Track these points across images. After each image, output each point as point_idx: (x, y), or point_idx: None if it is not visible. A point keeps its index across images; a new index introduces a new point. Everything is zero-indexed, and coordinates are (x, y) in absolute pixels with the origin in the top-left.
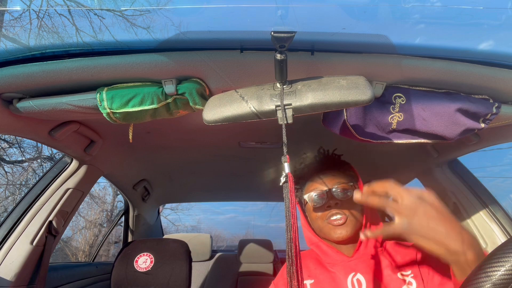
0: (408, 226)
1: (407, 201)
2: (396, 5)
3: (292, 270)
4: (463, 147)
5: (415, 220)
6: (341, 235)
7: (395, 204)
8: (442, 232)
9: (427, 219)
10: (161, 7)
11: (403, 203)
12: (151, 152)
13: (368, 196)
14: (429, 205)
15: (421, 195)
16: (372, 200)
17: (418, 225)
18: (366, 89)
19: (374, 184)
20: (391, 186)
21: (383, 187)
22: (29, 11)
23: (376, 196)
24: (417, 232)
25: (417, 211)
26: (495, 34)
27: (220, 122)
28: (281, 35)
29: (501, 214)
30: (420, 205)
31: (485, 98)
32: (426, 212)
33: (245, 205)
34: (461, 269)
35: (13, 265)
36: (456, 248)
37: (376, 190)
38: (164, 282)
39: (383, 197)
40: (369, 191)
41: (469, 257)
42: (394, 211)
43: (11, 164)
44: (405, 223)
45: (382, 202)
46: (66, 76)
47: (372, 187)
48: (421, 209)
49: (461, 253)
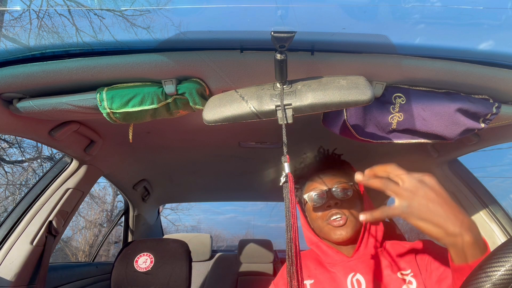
0: (408, 208)
1: (408, 183)
2: (396, 5)
3: (292, 270)
4: (463, 147)
5: (414, 202)
6: (341, 236)
7: (396, 186)
8: (441, 214)
9: (426, 202)
10: (161, 7)
11: (404, 185)
12: (151, 152)
13: (369, 178)
14: (429, 188)
15: (422, 178)
16: (373, 182)
17: (417, 207)
18: (366, 89)
19: (375, 167)
20: (392, 168)
21: (384, 170)
22: (29, 11)
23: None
24: (417, 214)
25: (417, 193)
26: (495, 34)
27: (220, 122)
28: (281, 35)
29: (501, 214)
30: (420, 187)
31: (485, 98)
32: (426, 195)
33: (245, 205)
34: (459, 252)
35: (13, 265)
36: (454, 230)
37: (378, 173)
38: (164, 282)
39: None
40: (370, 174)
41: (467, 239)
42: (395, 193)
43: (11, 164)
44: (404, 205)
45: (383, 184)
46: (66, 76)
47: (374, 170)
48: (421, 191)
49: (458, 235)
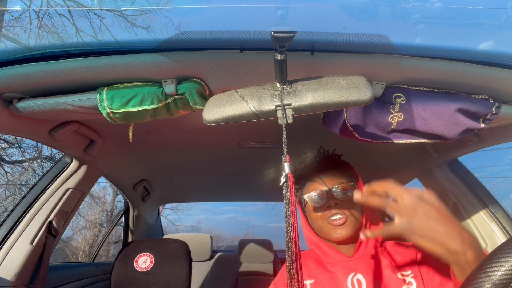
0: (408, 226)
1: (407, 201)
2: (396, 5)
3: (292, 270)
4: (463, 147)
5: (415, 220)
6: (341, 235)
7: (395, 204)
8: (442, 232)
9: (427, 219)
10: (161, 7)
11: (403, 203)
12: (151, 152)
13: (368, 196)
14: (429, 205)
15: (421, 195)
16: (372, 200)
17: (418, 225)
18: (366, 89)
19: (374, 184)
20: (391, 186)
21: (383, 187)
22: (29, 11)
23: (376, 196)
24: (417, 232)
25: (417, 211)
26: (495, 34)
27: (220, 122)
28: (281, 35)
29: (501, 214)
30: (420, 205)
31: (485, 98)
32: (426, 212)
33: (245, 205)
34: (461, 269)
35: (13, 265)
36: (456, 248)
37: (376, 190)
38: (164, 282)
39: (383, 197)
40: (369, 191)
41: (469, 257)
42: (394, 211)
43: (11, 164)
44: (405, 223)
45: (382, 202)
46: (66, 76)
47: (372, 187)
48: (421, 209)
49: (461, 253)
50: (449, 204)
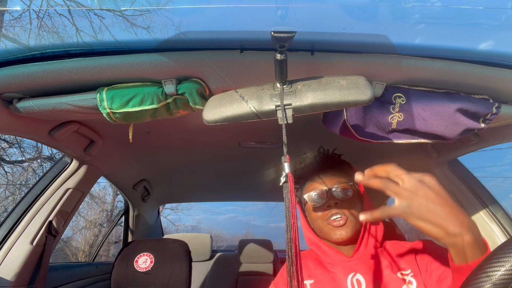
0: (408, 208)
1: (408, 183)
2: (396, 5)
3: (292, 270)
4: (463, 147)
5: (414, 202)
6: (341, 236)
7: (396, 186)
8: (441, 214)
9: (426, 202)
10: (161, 7)
11: (404, 185)
12: (151, 152)
13: (369, 178)
14: (429, 188)
15: (422, 178)
16: (373, 182)
17: (417, 207)
18: (366, 89)
19: (375, 167)
20: (392, 168)
21: (384, 170)
22: (29, 11)
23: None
24: (417, 214)
25: (417, 193)
26: (495, 34)
27: (220, 122)
28: (281, 35)
29: (501, 214)
30: (420, 187)
31: (485, 98)
32: (426, 195)
33: (245, 205)
34: (459, 252)
35: (13, 265)
36: (454, 230)
37: (378, 173)
38: (164, 282)
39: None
40: (370, 174)
41: (467, 239)
42: (395, 193)
43: (11, 164)
44: (404, 205)
45: (383, 184)
46: (66, 76)
47: (374, 170)
48: (421, 191)
49: (458, 235)
50: None
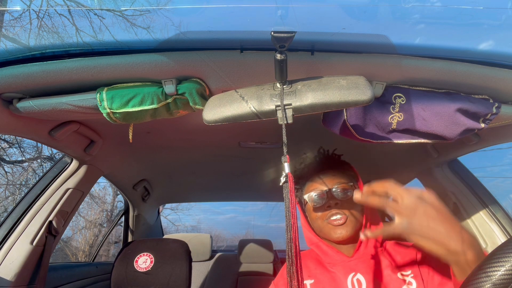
0: (408, 226)
1: (407, 201)
2: (396, 5)
3: (292, 270)
4: (463, 147)
5: (415, 220)
6: (341, 235)
7: (395, 204)
8: (442, 232)
9: (427, 219)
10: (161, 7)
11: (403, 203)
12: (151, 152)
13: (368, 196)
14: (429, 205)
15: (421, 195)
16: (372, 200)
17: (418, 225)
18: (366, 89)
19: (374, 184)
20: (391, 186)
21: (383, 187)
22: (29, 11)
23: (376, 196)
24: (417, 232)
25: (417, 211)
26: (495, 34)
27: (220, 122)
28: (281, 35)
29: (501, 214)
30: (420, 205)
31: (485, 98)
32: (426, 212)
33: (245, 205)
34: (461, 269)
35: (13, 265)
36: (456, 248)
37: (376, 190)
38: (164, 282)
39: (383, 197)
40: (369, 191)
41: (469, 257)
42: (394, 211)
43: (11, 164)
44: (405, 223)
45: (382, 202)
46: (66, 76)
47: (372, 187)
48: (421, 209)
49: (461, 253)
50: (449, 204)
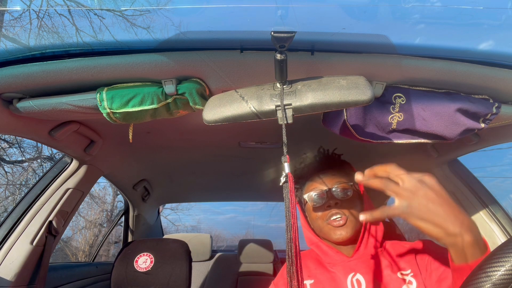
0: (408, 208)
1: (408, 183)
2: (396, 5)
3: (292, 270)
4: (463, 147)
5: (414, 202)
6: (341, 236)
7: (396, 186)
8: (441, 214)
9: (426, 202)
10: (161, 7)
11: (404, 185)
12: (151, 152)
13: (369, 178)
14: (429, 188)
15: (422, 178)
16: (373, 182)
17: (417, 207)
18: (366, 89)
19: (375, 167)
20: (392, 168)
21: (384, 170)
22: (29, 11)
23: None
24: (417, 214)
25: (417, 193)
26: (495, 34)
27: (220, 122)
28: (281, 35)
29: (501, 214)
30: (420, 187)
31: (485, 98)
32: (426, 195)
33: (245, 205)
34: (459, 252)
35: (13, 265)
36: (454, 230)
37: (378, 173)
38: (164, 282)
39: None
40: (370, 174)
41: (467, 239)
42: (395, 193)
43: (11, 164)
44: (405, 205)
45: (383, 184)
46: (66, 76)
47: (374, 170)
48: (421, 191)
49: (459, 235)
50: None
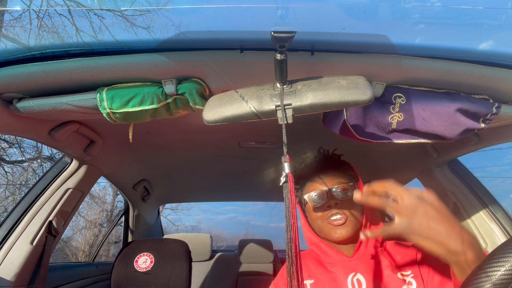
0: (408, 226)
1: (407, 201)
2: (396, 5)
3: (292, 270)
4: (463, 147)
5: (415, 220)
6: (341, 235)
7: (395, 204)
8: (442, 232)
9: (427, 219)
10: (161, 7)
11: (403, 203)
12: (151, 152)
13: (368, 196)
14: (429, 205)
15: (421, 195)
16: (372, 200)
17: (418, 225)
18: (366, 89)
19: (374, 184)
20: (391, 186)
21: (383, 187)
22: (29, 11)
23: (376, 196)
24: (417, 232)
25: (417, 211)
26: (495, 34)
27: (220, 122)
28: (281, 35)
29: (501, 214)
30: (420, 205)
31: (485, 98)
32: (426, 212)
33: (245, 205)
34: (461, 269)
35: (13, 265)
36: (456, 248)
37: (376, 190)
38: (164, 282)
39: (383, 197)
40: (369, 191)
41: (469, 257)
42: (394, 211)
43: (11, 164)
44: (405, 223)
45: (382, 202)
46: (66, 76)
47: (372, 187)
48: (421, 209)
49: (461, 253)
50: (449, 204)
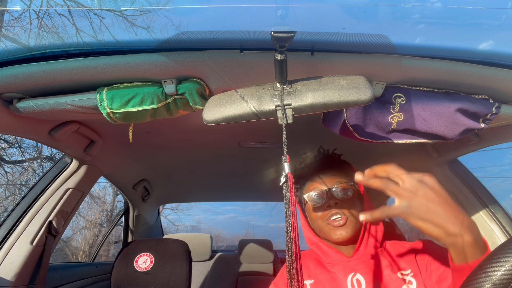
0: (408, 208)
1: (408, 183)
2: (396, 5)
3: (292, 270)
4: (463, 147)
5: (414, 202)
6: (341, 236)
7: (396, 186)
8: (441, 214)
9: (426, 202)
10: (161, 7)
11: (404, 185)
12: (151, 152)
13: (369, 178)
14: (429, 188)
15: (422, 178)
16: (373, 182)
17: (417, 207)
18: (366, 89)
19: (375, 167)
20: (392, 168)
21: (384, 170)
22: (29, 11)
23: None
24: (417, 214)
25: (417, 193)
26: (495, 34)
27: (220, 122)
28: (281, 35)
29: (501, 214)
30: (420, 187)
31: (485, 98)
32: (426, 195)
33: (245, 205)
34: (459, 252)
35: (13, 265)
36: (454, 230)
37: (378, 173)
38: (164, 282)
39: (384, 179)
40: (370, 174)
41: (467, 239)
42: (395, 193)
43: (11, 164)
44: (404, 205)
45: (383, 184)
46: (66, 76)
47: (374, 170)
48: (421, 191)
49: (459, 235)
50: None
